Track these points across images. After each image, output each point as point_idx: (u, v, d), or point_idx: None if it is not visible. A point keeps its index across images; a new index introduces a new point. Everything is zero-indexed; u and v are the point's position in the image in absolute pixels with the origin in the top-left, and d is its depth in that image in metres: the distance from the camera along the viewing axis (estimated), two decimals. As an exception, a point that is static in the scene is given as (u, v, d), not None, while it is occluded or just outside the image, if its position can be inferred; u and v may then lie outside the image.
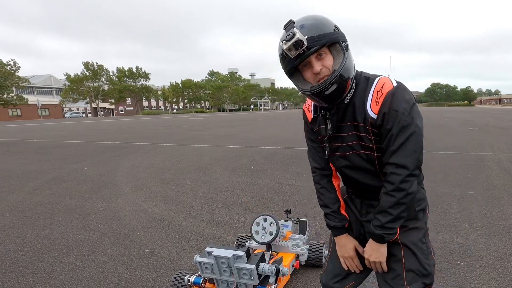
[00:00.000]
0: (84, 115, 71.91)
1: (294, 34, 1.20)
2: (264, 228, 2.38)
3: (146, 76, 67.38)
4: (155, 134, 15.28)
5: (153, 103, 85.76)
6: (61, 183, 5.59)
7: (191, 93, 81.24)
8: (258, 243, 2.38)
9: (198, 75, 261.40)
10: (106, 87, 63.37)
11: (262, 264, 1.98)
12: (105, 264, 2.73)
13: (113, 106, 73.41)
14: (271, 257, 2.30)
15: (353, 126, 1.35)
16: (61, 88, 67.82)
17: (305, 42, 1.21)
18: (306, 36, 1.21)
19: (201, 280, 2.10)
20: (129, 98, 71.74)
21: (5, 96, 39.24)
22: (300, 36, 1.20)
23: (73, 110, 75.60)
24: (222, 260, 1.94)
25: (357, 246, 1.52)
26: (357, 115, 1.32)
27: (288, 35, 1.21)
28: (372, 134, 1.31)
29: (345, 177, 1.51)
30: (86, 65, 59.68)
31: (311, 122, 1.51)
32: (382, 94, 1.27)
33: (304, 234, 2.59)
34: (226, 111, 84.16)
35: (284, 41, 1.22)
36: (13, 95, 41.42)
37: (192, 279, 2.11)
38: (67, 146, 10.99)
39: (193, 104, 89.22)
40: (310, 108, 1.51)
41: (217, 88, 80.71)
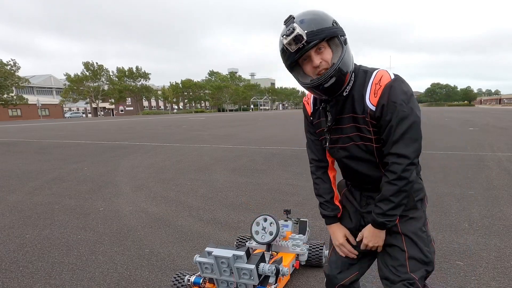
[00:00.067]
0: (84, 115, 71.90)
1: (294, 29, 1.24)
2: (264, 228, 2.38)
3: (146, 76, 67.39)
4: (155, 134, 15.28)
5: (153, 103, 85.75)
6: (61, 183, 5.59)
7: (191, 93, 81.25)
8: (258, 243, 2.38)
9: (198, 75, 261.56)
10: (106, 87, 63.36)
11: (262, 264, 1.98)
12: (105, 264, 2.73)
13: (113, 106, 73.40)
14: (271, 257, 2.30)
15: (352, 118, 1.39)
16: (61, 88, 67.81)
17: (305, 37, 1.24)
18: (306, 31, 1.24)
19: (201, 280, 2.10)
20: (129, 98, 71.74)
21: (5, 96, 39.22)
22: (300, 31, 1.23)
23: (73, 110, 75.60)
24: (222, 260, 1.94)
25: (348, 235, 1.58)
26: (356, 107, 1.36)
27: (288, 30, 1.25)
28: (371, 126, 1.35)
29: (345, 169, 1.54)
30: (86, 65, 59.67)
31: (311, 115, 1.55)
32: (381, 87, 1.31)
33: (304, 234, 2.59)
34: (226, 111, 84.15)
35: (285, 36, 1.26)
36: (13, 95, 41.40)
37: (192, 279, 2.11)
38: (67, 146, 10.99)
39: (193, 104, 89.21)
40: (310, 101, 1.56)
41: (217, 88, 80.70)
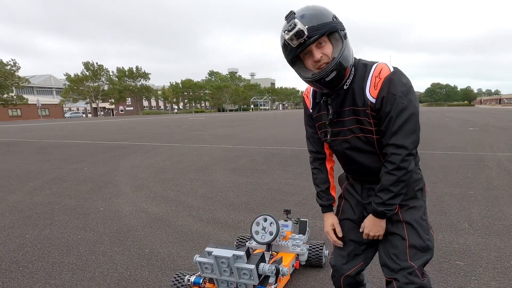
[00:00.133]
0: (84, 115, 71.89)
1: (295, 25, 1.26)
2: (264, 228, 2.38)
3: (146, 76, 67.34)
4: (155, 134, 15.28)
5: (153, 103, 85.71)
6: (61, 183, 5.59)
7: (191, 93, 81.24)
8: (258, 243, 2.38)
9: (198, 75, 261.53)
10: (106, 87, 63.34)
11: (262, 264, 1.98)
12: (105, 264, 2.73)
13: (113, 106, 73.37)
14: (271, 257, 2.30)
15: (353, 111, 1.41)
16: (61, 88, 67.82)
17: (306, 32, 1.27)
18: (307, 26, 1.27)
19: (201, 280, 2.10)
20: (129, 98, 71.72)
21: (5, 96, 39.20)
22: (301, 26, 1.26)
23: (73, 110, 75.58)
24: (222, 260, 1.94)
25: (335, 225, 1.66)
26: (357, 100, 1.39)
27: (290, 26, 1.28)
28: (371, 118, 1.38)
29: (347, 161, 1.56)
30: (86, 65, 59.63)
31: (311, 109, 1.58)
32: (380, 79, 1.34)
33: (304, 234, 2.59)
34: (226, 111, 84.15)
35: (286, 31, 1.29)
36: (13, 95, 41.37)
37: (192, 279, 2.11)
38: (67, 146, 10.99)
39: (193, 104, 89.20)
40: (309, 95, 1.60)
41: (217, 88, 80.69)
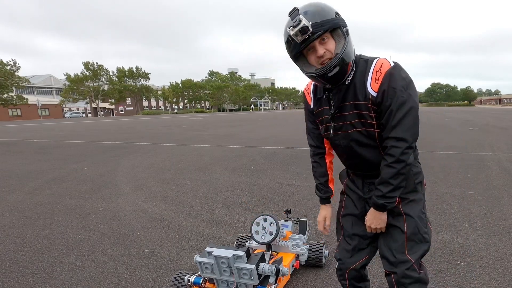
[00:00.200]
0: (84, 115, 71.88)
1: (300, 21, 1.29)
2: (264, 228, 2.38)
3: (146, 76, 67.33)
4: (155, 134, 15.28)
5: (153, 103, 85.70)
6: (61, 183, 5.59)
7: (191, 93, 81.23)
8: (258, 243, 2.38)
9: (198, 75, 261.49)
10: (106, 87, 63.33)
11: (262, 264, 1.98)
12: (105, 264, 2.73)
13: (113, 106, 73.36)
14: (271, 257, 2.30)
15: (354, 105, 1.44)
16: (61, 88, 67.80)
17: (310, 28, 1.30)
18: (311, 22, 1.30)
19: (201, 280, 2.10)
20: (129, 98, 71.70)
21: (5, 96, 39.20)
22: (306, 22, 1.29)
23: (73, 110, 75.57)
24: (222, 260, 1.94)
25: (327, 218, 1.78)
26: (358, 94, 1.42)
27: (295, 22, 1.30)
28: (373, 112, 1.41)
29: (349, 156, 1.59)
30: (86, 65, 59.63)
31: (313, 104, 1.62)
32: (381, 74, 1.37)
33: (304, 234, 2.59)
34: (226, 111, 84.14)
35: (291, 27, 1.32)
36: (13, 95, 41.36)
37: (192, 279, 2.11)
38: (67, 146, 10.99)
39: (193, 104, 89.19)
40: (310, 91, 1.63)
41: (217, 88, 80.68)
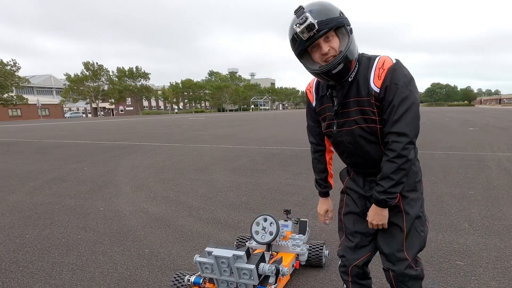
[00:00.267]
0: (84, 115, 71.88)
1: (307, 18, 1.33)
2: (264, 228, 2.38)
3: (146, 76, 67.34)
4: (155, 134, 15.28)
5: (153, 103, 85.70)
6: (61, 183, 5.59)
7: (191, 93, 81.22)
8: (258, 243, 2.38)
9: (198, 75, 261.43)
10: (106, 87, 63.32)
11: (262, 264, 1.98)
12: (105, 264, 2.73)
13: (113, 106, 73.36)
14: (271, 257, 2.30)
15: (357, 102, 1.48)
16: (61, 88, 67.79)
17: (316, 26, 1.33)
18: (316, 20, 1.34)
19: (201, 280, 2.10)
20: (129, 98, 71.70)
21: (5, 96, 39.21)
22: (312, 20, 1.33)
23: (73, 110, 75.56)
24: (222, 260, 1.94)
25: (329, 212, 1.86)
26: (361, 90, 1.46)
27: (301, 19, 1.34)
28: (375, 107, 1.45)
29: (351, 153, 1.60)
30: (86, 65, 59.64)
31: (315, 103, 1.65)
32: (384, 70, 1.41)
33: (304, 234, 2.59)
34: (226, 111, 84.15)
35: (298, 25, 1.36)
36: (13, 95, 41.36)
37: (192, 279, 2.11)
38: (67, 146, 10.99)
39: (193, 104, 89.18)
40: (312, 90, 1.66)
41: (217, 88, 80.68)
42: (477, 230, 3.21)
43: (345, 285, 1.77)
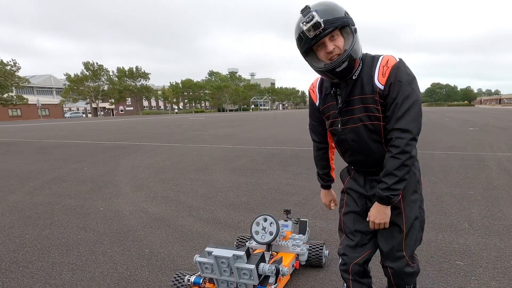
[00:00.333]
0: (84, 115, 71.89)
1: (314, 17, 1.37)
2: (264, 228, 2.38)
3: (146, 76, 67.35)
4: (155, 134, 15.28)
5: (153, 103, 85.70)
6: (61, 183, 5.59)
7: (191, 93, 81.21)
8: (258, 243, 2.38)
9: (198, 75, 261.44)
10: (106, 87, 63.31)
11: (262, 264, 1.98)
12: (105, 264, 2.73)
13: (113, 106, 73.35)
14: (271, 257, 2.31)
15: (361, 99, 1.51)
16: (61, 88, 67.80)
17: (322, 24, 1.38)
18: (323, 19, 1.38)
19: (201, 280, 2.10)
20: (129, 98, 71.69)
21: (5, 96, 39.20)
22: (318, 19, 1.37)
23: (73, 110, 75.57)
24: (222, 260, 1.94)
25: (333, 201, 1.96)
26: (365, 88, 1.49)
27: (308, 18, 1.39)
28: (379, 104, 1.48)
29: (353, 151, 1.63)
30: (86, 65, 59.64)
31: (318, 102, 1.70)
32: (388, 68, 1.45)
33: (304, 234, 2.59)
34: (226, 111, 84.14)
35: (304, 23, 1.40)
36: (13, 95, 41.35)
37: (192, 279, 2.11)
38: (67, 146, 10.99)
39: (193, 104, 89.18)
40: (315, 90, 1.71)
41: (217, 88, 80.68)
42: (477, 230, 3.21)
43: (345, 284, 1.78)
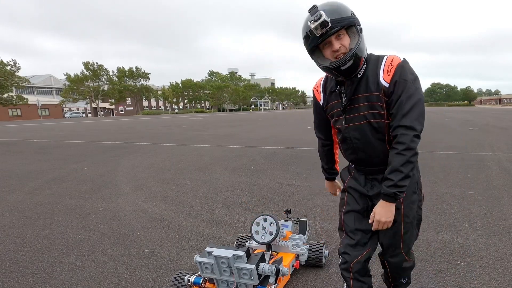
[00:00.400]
0: (84, 115, 71.88)
1: (321, 16, 1.41)
2: (264, 228, 2.38)
3: (146, 76, 67.32)
4: (155, 134, 15.28)
5: (153, 103, 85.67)
6: (61, 183, 5.59)
7: (191, 93, 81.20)
8: (258, 243, 2.38)
9: (198, 75, 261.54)
10: (106, 87, 63.30)
11: (262, 264, 1.98)
12: (105, 264, 2.73)
13: (113, 106, 73.33)
14: (271, 257, 2.31)
15: (366, 97, 1.55)
16: (61, 88, 67.78)
17: (329, 23, 1.41)
18: (330, 18, 1.41)
19: (201, 280, 2.10)
20: (129, 98, 71.67)
21: (5, 96, 39.20)
22: (326, 18, 1.41)
23: (73, 110, 75.55)
24: (222, 260, 1.94)
25: (339, 188, 2.05)
26: (370, 86, 1.53)
27: (316, 16, 1.42)
28: (384, 102, 1.52)
29: (356, 149, 1.66)
30: (86, 65, 59.62)
31: (322, 101, 1.74)
32: (393, 66, 1.50)
33: (304, 234, 2.60)
34: (226, 111, 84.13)
35: (312, 21, 1.43)
36: (13, 95, 41.35)
37: (192, 279, 2.11)
38: (67, 146, 10.99)
39: (193, 104, 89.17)
40: (319, 89, 1.75)
41: (217, 88, 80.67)
42: (477, 230, 3.21)
43: (346, 283, 1.78)
